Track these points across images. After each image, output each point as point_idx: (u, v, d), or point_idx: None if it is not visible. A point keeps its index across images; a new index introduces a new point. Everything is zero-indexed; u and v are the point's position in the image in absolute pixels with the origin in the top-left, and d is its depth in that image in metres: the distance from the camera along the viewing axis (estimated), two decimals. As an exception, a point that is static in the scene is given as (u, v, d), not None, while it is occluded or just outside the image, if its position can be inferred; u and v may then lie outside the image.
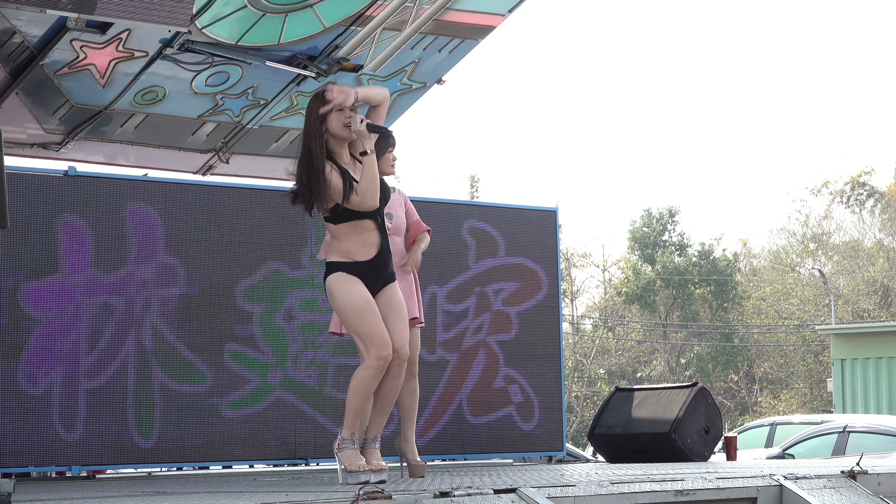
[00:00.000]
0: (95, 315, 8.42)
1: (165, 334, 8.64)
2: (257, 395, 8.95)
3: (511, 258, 10.08)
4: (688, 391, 9.68)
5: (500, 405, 9.90)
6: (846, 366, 23.32)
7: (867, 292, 47.54)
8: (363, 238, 6.39)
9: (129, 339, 8.53)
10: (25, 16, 8.47)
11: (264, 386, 8.97)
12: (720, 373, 49.07)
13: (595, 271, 53.09)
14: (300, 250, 9.13)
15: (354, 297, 6.33)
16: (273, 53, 9.92)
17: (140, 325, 8.57)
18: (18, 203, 8.15)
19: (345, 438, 6.43)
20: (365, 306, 6.33)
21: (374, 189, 6.33)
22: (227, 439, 8.81)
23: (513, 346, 10.02)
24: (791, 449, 14.51)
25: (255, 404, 8.95)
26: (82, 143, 10.34)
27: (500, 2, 10.20)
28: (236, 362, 8.87)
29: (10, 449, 8.12)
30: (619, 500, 5.61)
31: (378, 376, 6.36)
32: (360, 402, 6.39)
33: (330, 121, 6.41)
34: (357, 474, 6.33)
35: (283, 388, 9.04)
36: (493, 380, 9.87)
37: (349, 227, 6.38)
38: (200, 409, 8.73)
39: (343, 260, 6.38)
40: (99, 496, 5.92)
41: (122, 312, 8.50)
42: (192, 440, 8.69)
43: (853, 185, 51.40)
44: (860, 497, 6.24)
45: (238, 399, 8.88)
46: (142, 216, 8.61)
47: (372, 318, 6.32)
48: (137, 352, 8.55)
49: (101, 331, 8.44)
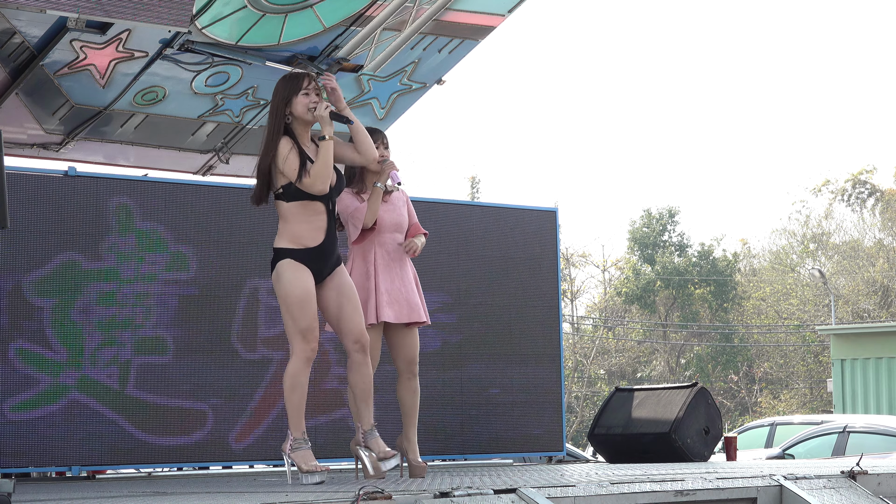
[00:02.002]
0: None
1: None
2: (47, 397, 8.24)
3: (345, 249, 9.32)
4: (688, 391, 9.69)
5: (334, 407, 9.20)
6: (846, 366, 23.32)
7: (867, 292, 47.53)
8: (312, 220, 6.52)
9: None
10: (25, 16, 8.46)
11: (57, 387, 8.26)
12: (720, 373, 49.07)
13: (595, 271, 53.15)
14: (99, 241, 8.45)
15: (298, 289, 6.45)
16: (273, 53, 9.93)
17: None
18: (18, 203, 8.15)
19: (297, 438, 6.50)
20: (307, 299, 6.46)
21: (325, 174, 6.47)
22: (11, 444, 8.08)
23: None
24: (791, 449, 14.51)
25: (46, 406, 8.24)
26: (82, 144, 10.34)
27: (500, 2, 10.20)
28: (23, 361, 8.17)
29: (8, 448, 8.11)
30: (619, 500, 5.61)
31: (307, 368, 6.47)
32: (297, 398, 6.48)
33: (295, 104, 6.56)
34: (312, 474, 6.38)
35: (79, 389, 8.32)
36: (323, 380, 9.18)
37: (300, 206, 6.50)
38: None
39: (292, 246, 6.51)
40: (99, 496, 5.92)
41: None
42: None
43: (854, 184, 51.40)
44: (860, 497, 6.24)
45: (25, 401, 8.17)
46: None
47: (309, 312, 6.45)
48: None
49: None
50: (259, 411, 8.95)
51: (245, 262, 8.95)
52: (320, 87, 6.65)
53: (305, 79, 6.63)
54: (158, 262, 8.64)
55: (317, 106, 6.55)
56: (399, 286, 7.19)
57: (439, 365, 9.64)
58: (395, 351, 7.30)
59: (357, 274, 7.13)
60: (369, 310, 7.07)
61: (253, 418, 8.93)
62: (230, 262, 8.90)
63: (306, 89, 6.59)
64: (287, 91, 6.60)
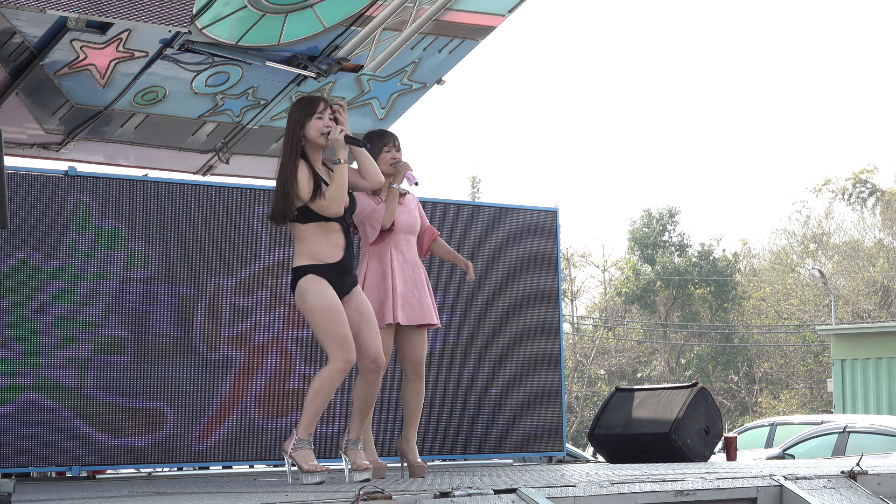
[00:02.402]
0: None
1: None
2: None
3: None
4: (688, 391, 9.69)
5: (297, 407, 8.71)
6: (846, 366, 23.32)
7: (867, 292, 47.53)
8: (329, 239, 6.55)
9: None
10: (25, 16, 8.46)
11: (11, 386, 8.11)
12: (720, 373, 49.06)
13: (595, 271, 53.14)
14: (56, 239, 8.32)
15: (325, 300, 6.48)
16: (273, 53, 9.92)
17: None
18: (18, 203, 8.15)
19: (301, 439, 6.54)
20: (336, 309, 6.48)
21: (340, 198, 6.51)
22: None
23: (312, 343, 8.90)
24: (791, 449, 14.51)
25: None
26: (82, 144, 10.34)
27: (500, 2, 10.20)
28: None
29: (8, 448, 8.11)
30: (619, 500, 5.61)
31: (341, 378, 6.50)
32: (320, 403, 6.51)
33: (308, 127, 6.60)
34: (313, 474, 6.42)
35: (35, 389, 8.18)
36: (286, 380, 9.04)
37: (316, 227, 6.54)
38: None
39: (312, 263, 6.53)
40: (99, 496, 5.92)
41: None
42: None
43: (855, 182, 51.39)
44: (860, 497, 6.24)
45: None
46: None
47: (341, 321, 6.48)
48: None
49: None
50: (222, 412, 8.78)
51: (208, 261, 8.81)
52: (334, 111, 6.66)
53: (320, 103, 6.66)
54: (117, 261, 8.51)
55: (331, 130, 6.57)
56: (412, 288, 7.23)
57: (439, 365, 9.64)
58: (403, 351, 7.32)
59: (373, 275, 7.17)
60: (386, 311, 7.12)
61: (215, 419, 8.75)
62: (192, 261, 8.76)
63: (320, 113, 6.62)
64: (301, 114, 6.63)
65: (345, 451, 6.70)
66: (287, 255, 8.85)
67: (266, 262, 9.06)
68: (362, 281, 7.11)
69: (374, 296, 7.09)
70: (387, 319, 7.11)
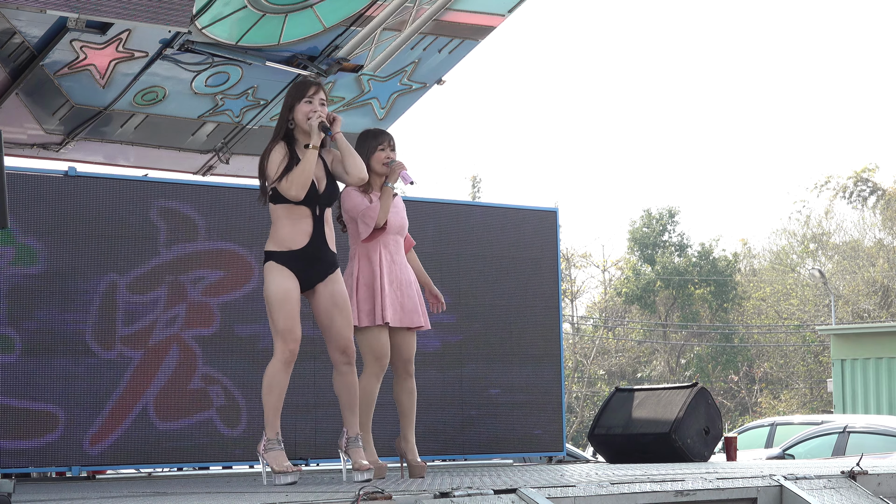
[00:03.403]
0: None
1: None
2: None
3: (214, 243, 8.84)
4: (688, 391, 9.69)
5: (199, 408, 8.69)
6: (846, 366, 23.32)
7: (867, 292, 47.53)
8: (296, 224, 6.54)
9: None
10: (25, 16, 8.46)
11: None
12: (720, 373, 49.07)
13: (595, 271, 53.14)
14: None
15: (278, 291, 6.48)
16: (273, 54, 9.93)
17: None
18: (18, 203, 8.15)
19: (270, 439, 6.53)
20: (284, 300, 6.47)
21: (301, 181, 6.47)
22: None
23: (217, 341, 8.76)
24: (791, 449, 14.50)
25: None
26: (82, 144, 10.34)
27: (500, 2, 10.20)
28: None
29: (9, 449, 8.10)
30: (619, 500, 5.61)
31: (286, 369, 6.48)
32: (274, 398, 6.49)
33: (297, 110, 6.61)
34: (285, 475, 6.41)
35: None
36: (188, 381, 8.67)
37: (284, 209, 6.54)
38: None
39: (277, 249, 6.54)
40: (99, 496, 5.92)
41: None
42: None
43: (856, 181, 51.39)
44: (860, 497, 6.24)
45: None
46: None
47: (286, 312, 6.46)
48: None
49: None
50: (117, 413, 8.43)
51: (101, 257, 8.44)
52: (326, 98, 6.66)
53: (312, 87, 6.64)
54: (4, 256, 8.17)
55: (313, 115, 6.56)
56: (397, 289, 7.24)
57: (439, 365, 9.64)
58: (392, 351, 7.33)
59: (363, 274, 7.17)
60: (376, 311, 7.12)
61: (110, 420, 8.40)
62: (84, 257, 8.39)
63: (310, 97, 6.60)
64: (292, 97, 6.65)
65: (345, 449, 6.68)
66: (186, 251, 8.69)
67: (164, 258, 8.67)
68: (356, 281, 7.12)
69: (366, 295, 7.11)
70: (377, 320, 7.12)
